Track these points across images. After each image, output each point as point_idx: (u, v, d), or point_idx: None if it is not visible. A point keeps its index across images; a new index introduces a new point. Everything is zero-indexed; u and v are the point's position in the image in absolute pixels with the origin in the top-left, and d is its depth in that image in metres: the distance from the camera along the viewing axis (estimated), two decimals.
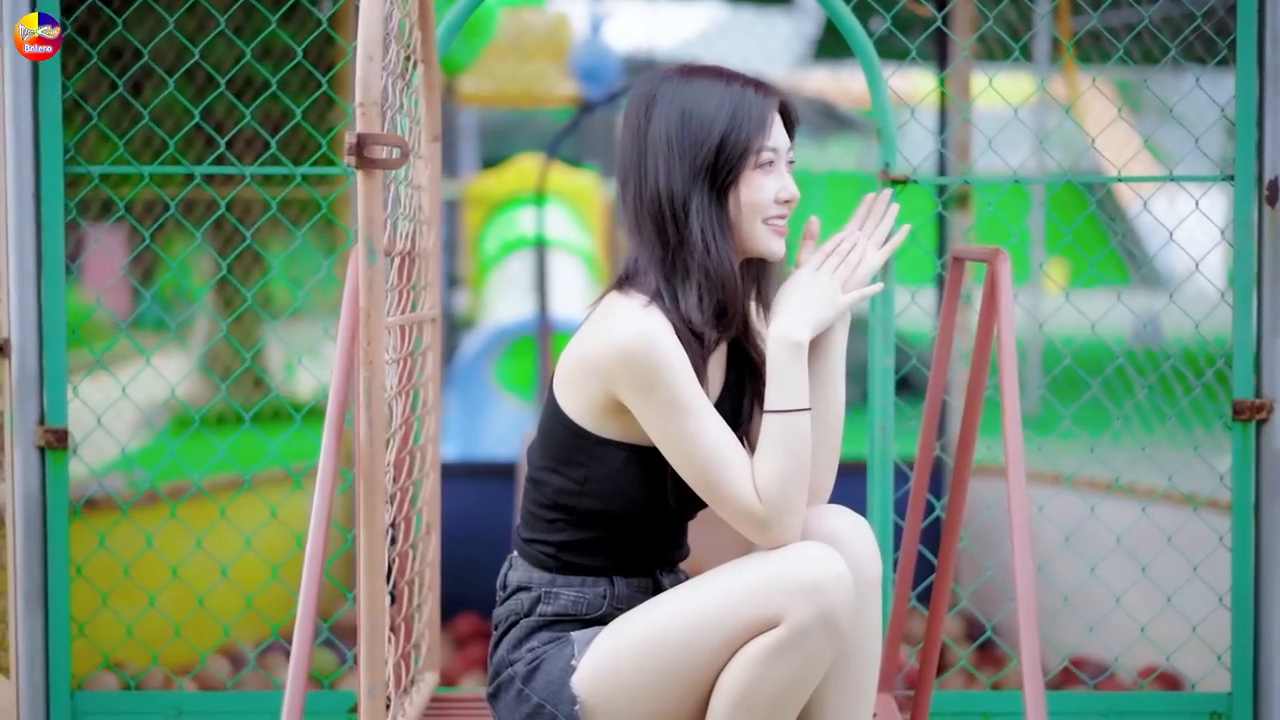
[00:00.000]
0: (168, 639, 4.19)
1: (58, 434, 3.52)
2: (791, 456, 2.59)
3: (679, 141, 2.64)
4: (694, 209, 2.63)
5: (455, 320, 12.59)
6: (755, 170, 2.65)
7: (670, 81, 2.68)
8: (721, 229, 2.65)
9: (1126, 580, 4.25)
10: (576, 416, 2.66)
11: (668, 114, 2.65)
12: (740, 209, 2.66)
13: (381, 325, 2.58)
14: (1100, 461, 4.78)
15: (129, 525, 4.06)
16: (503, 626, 2.77)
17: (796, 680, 2.55)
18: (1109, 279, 7.79)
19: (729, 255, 2.65)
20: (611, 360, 2.58)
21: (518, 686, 2.69)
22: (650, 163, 2.65)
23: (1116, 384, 5.69)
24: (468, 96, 13.68)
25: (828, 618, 2.51)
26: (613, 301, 2.66)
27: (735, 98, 2.65)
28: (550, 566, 2.72)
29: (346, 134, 2.56)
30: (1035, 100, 8.20)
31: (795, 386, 2.62)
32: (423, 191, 3.38)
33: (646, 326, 2.57)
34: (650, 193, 2.65)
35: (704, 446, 2.58)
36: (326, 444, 2.76)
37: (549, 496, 2.71)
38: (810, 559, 2.54)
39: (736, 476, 2.58)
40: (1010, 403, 2.75)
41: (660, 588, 2.76)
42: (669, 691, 2.61)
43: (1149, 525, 4.17)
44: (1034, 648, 2.56)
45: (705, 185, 2.64)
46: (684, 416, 2.57)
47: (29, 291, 3.51)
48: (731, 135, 2.63)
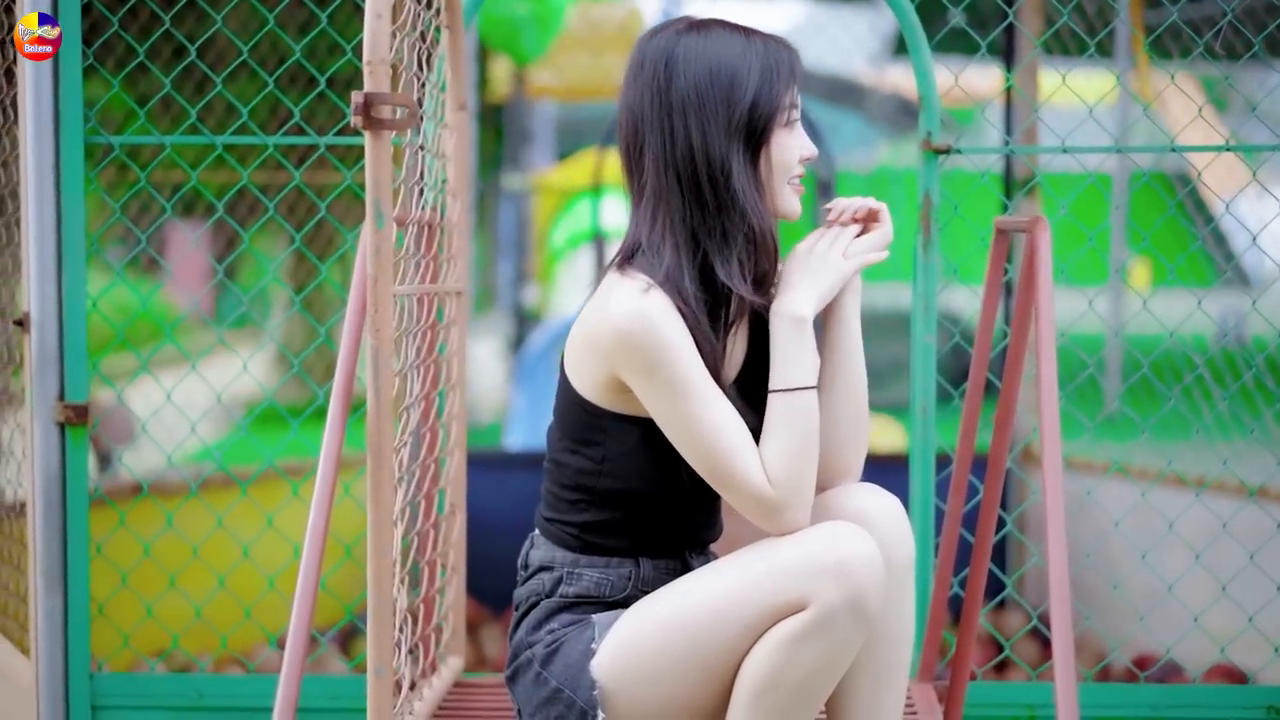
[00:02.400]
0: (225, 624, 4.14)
1: (77, 410, 3.46)
2: (796, 436, 2.48)
3: (711, 99, 2.52)
4: (734, 170, 2.52)
5: (524, 313, 12.55)
6: (783, 129, 2.56)
7: (687, 36, 2.56)
8: (759, 189, 2.55)
9: (1196, 574, 4.10)
10: (588, 394, 2.56)
11: (695, 71, 2.53)
12: (771, 169, 2.56)
13: (389, 293, 2.49)
14: (1180, 464, 4.64)
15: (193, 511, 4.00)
16: (523, 607, 2.67)
17: (824, 665, 2.42)
18: (1192, 280, 7.61)
19: (769, 216, 2.55)
20: (610, 341, 2.47)
21: (536, 669, 2.59)
22: (678, 122, 2.52)
23: (1196, 387, 5.53)
24: (538, 89, 13.64)
25: (856, 601, 2.39)
26: (613, 280, 2.54)
27: (760, 54, 2.54)
28: (574, 546, 2.62)
29: (353, 94, 2.47)
30: (1113, 97, 8.04)
31: (797, 363, 2.50)
32: (448, 161, 3.29)
33: (644, 307, 2.46)
34: (682, 153, 2.53)
35: (708, 429, 2.47)
36: (332, 416, 2.67)
37: (569, 478, 2.61)
38: (838, 539, 2.42)
39: (744, 460, 2.47)
40: (1047, 379, 2.62)
41: (689, 570, 2.65)
42: (691, 677, 2.49)
43: (1212, 517, 4.02)
44: (1067, 637, 2.44)
45: (740, 145, 2.53)
46: (686, 398, 2.46)
47: (48, 265, 3.44)
48: (763, 93, 2.53)
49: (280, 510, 4.00)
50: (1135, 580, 4.67)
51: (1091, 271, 7.71)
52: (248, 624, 3.97)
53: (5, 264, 3.88)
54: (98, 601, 3.62)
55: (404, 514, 2.91)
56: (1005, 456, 2.97)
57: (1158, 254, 9.23)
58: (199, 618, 3.83)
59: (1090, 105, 3.56)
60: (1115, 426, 6.82)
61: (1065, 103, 4.05)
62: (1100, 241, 7.83)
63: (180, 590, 3.89)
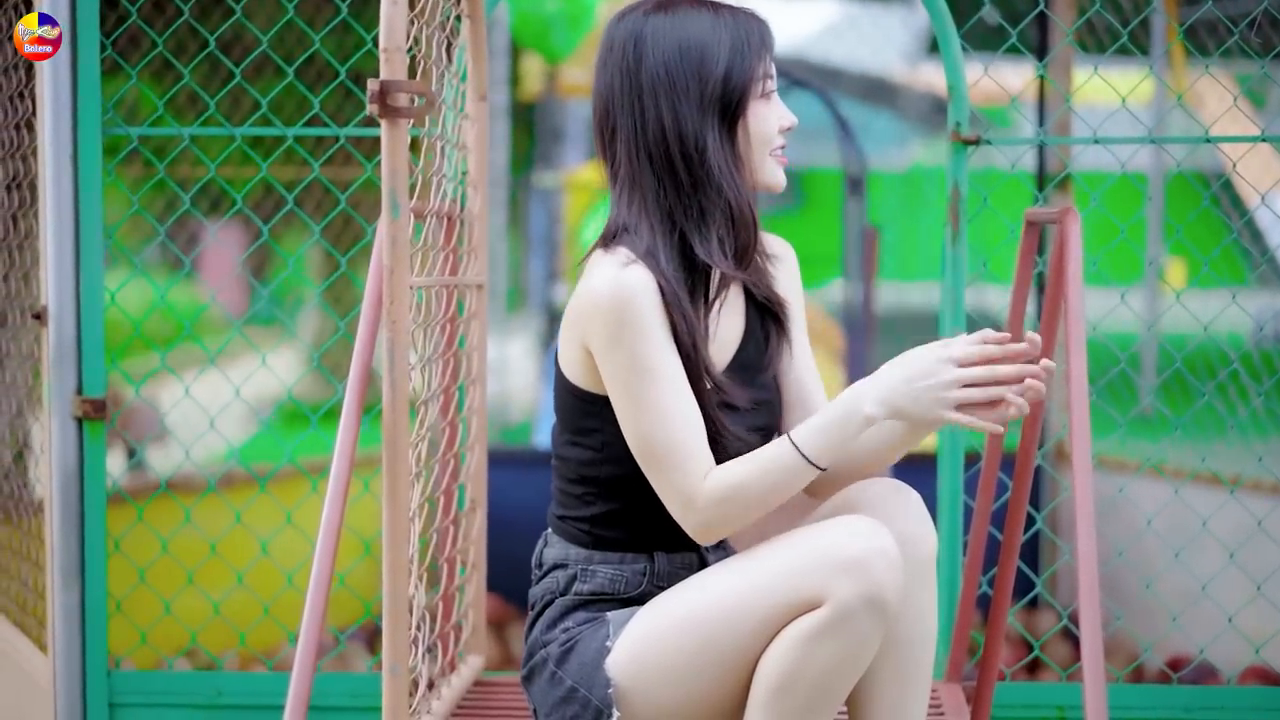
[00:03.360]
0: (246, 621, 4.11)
1: (95, 404, 3.42)
2: (769, 487, 2.41)
3: (682, 76, 2.49)
4: (709, 146, 2.49)
5: (556, 311, 12.51)
6: (759, 100, 2.52)
7: (654, 16, 2.52)
8: (736, 164, 2.51)
9: (1232, 574, 4.02)
10: (578, 380, 2.53)
11: (663, 49, 2.50)
12: (749, 142, 2.52)
13: (406, 284, 2.44)
14: (1214, 463, 4.56)
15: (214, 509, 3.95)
16: (538, 606, 2.62)
17: (841, 663, 2.36)
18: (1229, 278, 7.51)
19: (746, 191, 2.52)
20: (585, 311, 2.45)
21: (551, 669, 2.55)
22: (649, 103, 2.50)
23: (1232, 385, 5.45)
24: (570, 87, 13.59)
25: (873, 597, 2.33)
26: (597, 257, 2.51)
27: (730, 26, 2.51)
28: (586, 543, 2.58)
29: (369, 81, 2.43)
30: (1149, 94, 7.95)
31: (828, 443, 2.40)
32: (469, 152, 3.25)
33: (623, 277, 2.43)
34: (654, 134, 2.50)
35: (657, 415, 2.42)
36: (347, 412, 2.63)
37: (573, 470, 2.58)
38: (854, 534, 2.36)
39: (682, 456, 2.42)
40: (1077, 374, 2.56)
41: (706, 565, 2.60)
42: (707, 675, 2.44)
43: (1247, 515, 3.94)
44: (1096, 637, 2.38)
45: (715, 120, 2.50)
46: (643, 379, 2.42)
47: (66, 258, 3.41)
48: (736, 65, 2.49)
49: (299, 507, 3.96)
50: (1170, 580, 4.60)
51: (1127, 269, 7.66)
52: (268, 622, 3.92)
53: (28, 257, 3.86)
54: (115, 598, 3.58)
55: (422, 510, 2.87)
56: (1034, 453, 2.91)
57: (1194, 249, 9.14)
58: (218, 614, 3.78)
59: (1123, 97, 3.49)
60: (1150, 425, 6.74)
61: (1100, 100, 3.99)
62: (1135, 238, 7.75)
63: (198, 587, 3.85)
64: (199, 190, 6.24)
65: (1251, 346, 5.56)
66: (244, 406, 4.68)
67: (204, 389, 3.93)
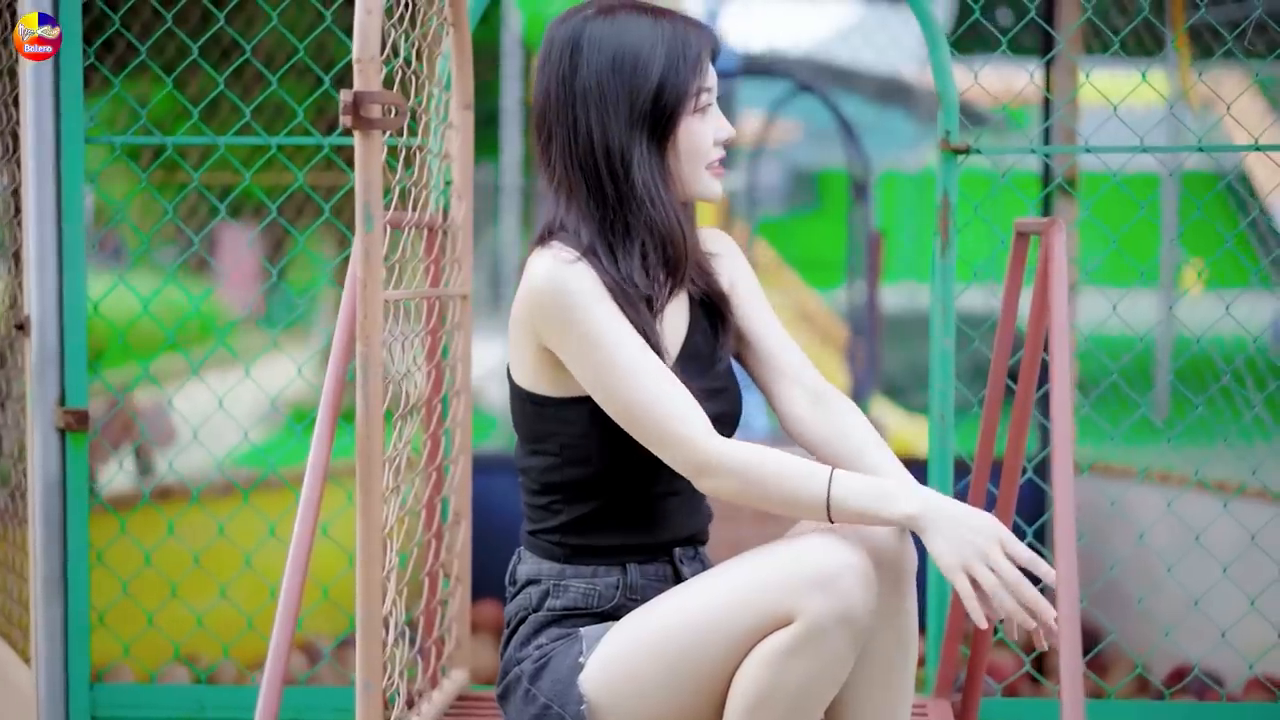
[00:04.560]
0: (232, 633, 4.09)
1: (78, 415, 3.40)
2: (777, 479, 2.37)
3: (613, 89, 2.46)
4: (635, 162, 2.47)
5: None
6: (693, 115, 2.49)
7: (594, 22, 2.49)
8: (664, 180, 2.48)
9: (1233, 585, 3.97)
10: (531, 385, 2.51)
11: (598, 60, 2.47)
12: (680, 157, 2.49)
13: (379, 297, 2.41)
14: (1226, 465, 4.51)
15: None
16: (512, 623, 2.60)
17: (815, 680, 2.33)
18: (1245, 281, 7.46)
19: (673, 207, 2.48)
20: (530, 307, 2.43)
21: (525, 686, 2.52)
22: (581, 113, 2.47)
23: (1238, 392, 5.39)
24: None
25: (844, 613, 2.29)
26: (533, 256, 2.49)
27: (668, 38, 2.47)
28: (559, 555, 2.55)
29: (343, 92, 2.40)
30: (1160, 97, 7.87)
31: (853, 501, 2.34)
32: (453, 162, 3.22)
33: (558, 267, 2.42)
34: (583, 146, 2.48)
35: (632, 376, 2.39)
36: (320, 424, 2.60)
37: (536, 480, 2.55)
38: (825, 549, 2.32)
39: (678, 407, 2.38)
40: (1060, 383, 2.53)
41: (680, 576, 2.58)
42: (680, 691, 2.41)
43: (1249, 525, 3.89)
44: (1075, 649, 2.34)
45: (644, 135, 2.47)
46: (607, 348, 2.39)
47: (49, 268, 3.39)
48: (669, 80, 2.46)
49: (283, 517, 3.93)
50: (1174, 590, 4.54)
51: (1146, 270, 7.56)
52: (254, 634, 3.90)
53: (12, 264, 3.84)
54: (99, 610, 3.56)
55: (403, 523, 2.84)
56: (1020, 464, 2.88)
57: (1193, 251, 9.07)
58: (200, 626, 3.76)
59: (1114, 104, 3.45)
60: (1159, 431, 6.70)
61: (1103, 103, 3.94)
62: (1149, 238, 7.70)
63: (182, 600, 3.82)
64: (215, 192, 6.22)
65: (1273, 347, 5.50)
66: (265, 408, 4.65)
67: (221, 390, 3.89)
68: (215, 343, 4.05)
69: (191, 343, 11.88)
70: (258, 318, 12.55)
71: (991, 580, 2.28)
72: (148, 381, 4.22)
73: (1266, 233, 7.55)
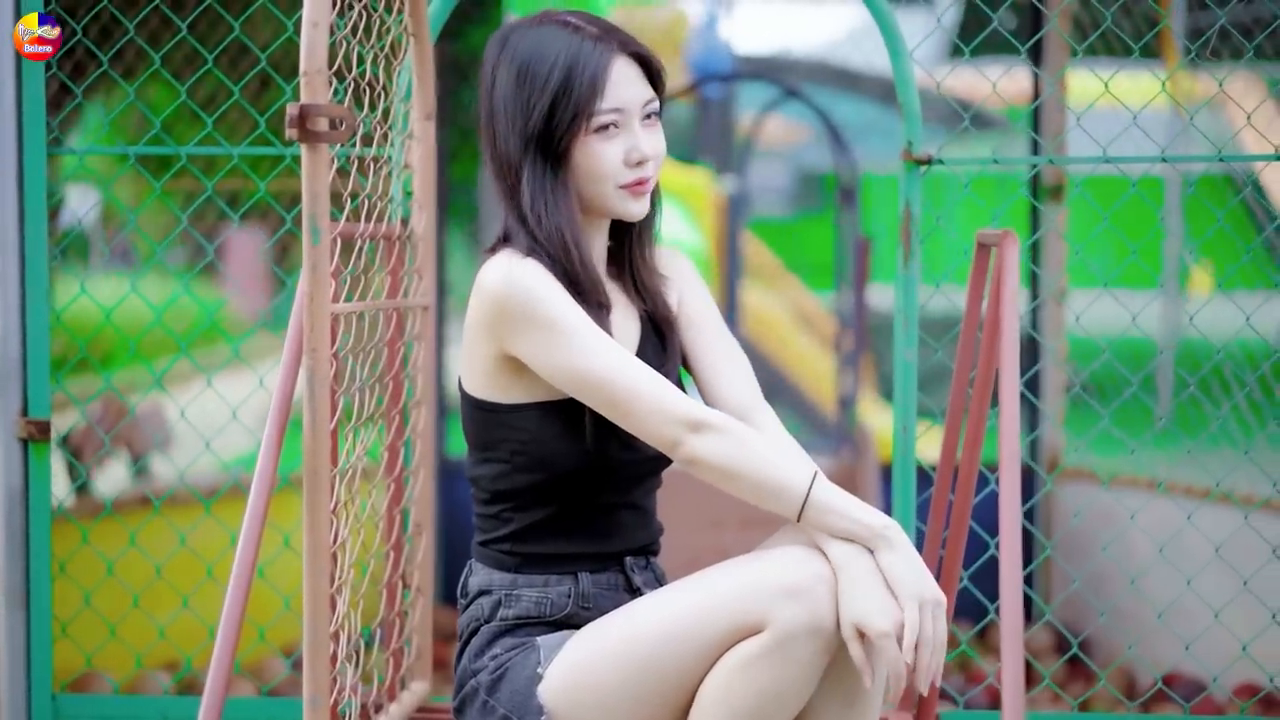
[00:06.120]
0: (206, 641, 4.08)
1: (40, 426, 3.40)
2: (759, 463, 2.38)
3: (512, 106, 2.48)
4: (525, 179, 2.49)
5: None
6: (592, 136, 2.47)
7: (517, 33, 2.52)
8: (554, 199, 2.48)
9: (1227, 593, 3.95)
10: (482, 392, 2.51)
11: (505, 74, 2.49)
12: (579, 177, 2.50)
13: (326, 311, 2.41)
14: (1201, 467, 4.48)
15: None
16: (464, 634, 2.60)
17: (781, 689, 2.33)
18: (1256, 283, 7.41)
19: (558, 227, 2.48)
20: (488, 311, 2.44)
21: (482, 698, 2.51)
22: (495, 127, 2.51)
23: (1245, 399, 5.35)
24: None
25: (815, 623, 2.30)
26: (484, 265, 2.50)
27: (572, 55, 2.46)
28: (510, 565, 2.55)
29: (289, 106, 2.40)
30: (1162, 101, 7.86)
31: (830, 503, 2.36)
32: (415, 172, 3.22)
33: (511, 266, 2.43)
34: (495, 158, 2.52)
35: (603, 358, 2.40)
36: (267, 437, 2.60)
37: (486, 489, 2.56)
38: (797, 561, 2.34)
39: (658, 378, 2.40)
40: (1008, 396, 2.52)
41: (632, 584, 2.58)
42: (645, 701, 2.40)
43: (1248, 534, 3.87)
44: (1018, 661, 2.34)
45: (537, 153, 2.48)
46: (576, 334, 2.40)
47: (11, 279, 3.39)
48: (562, 101, 2.45)
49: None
50: (1162, 596, 4.53)
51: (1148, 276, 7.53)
52: None
53: None
54: (61, 621, 3.56)
55: (357, 535, 2.83)
56: (975, 474, 2.87)
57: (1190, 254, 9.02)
58: (163, 638, 3.76)
59: (1078, 114, 3.43)
60: (1166, 438, 6.65)
61: (1101, 105, 3.93)
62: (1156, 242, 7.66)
63: (144, 610, 3.82)
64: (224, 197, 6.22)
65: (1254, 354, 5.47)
66: (261, 412, 4.63)
67: (232, 390, 3.88)
68: (213, 347, 4.04)
69: (199, 346, 11.90)
70: (266, 322, 12.57)
71: (919, 621, 2.28)
72: (145, 386, 4.22)
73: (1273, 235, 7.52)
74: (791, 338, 11.78)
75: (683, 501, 4.02)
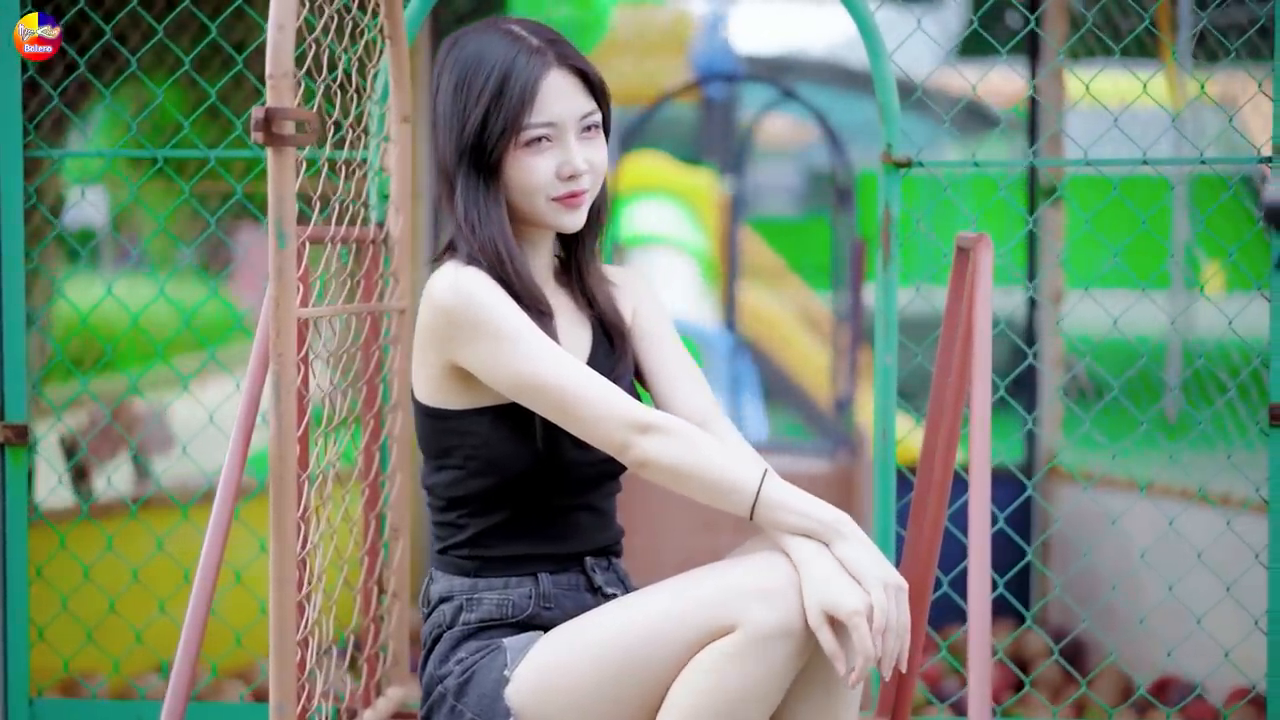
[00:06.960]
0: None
1: (17, 430, 3.39)
2: (707, 464, 2.38)
3: (450, 115, 2.49)
4: (458, 188, 2.49)
5: None
6: (522, 150, 2.47)
7: (465, 37, 2.52)
8: (486, 210, 2.49)
9: (1214, 596, 3.92)
10: (432, 400, 2.51)
11: (448, 81, 2.50)
12: (511, 189, 2.50)
13: (292, 316, 2.40)
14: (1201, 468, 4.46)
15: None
16: (428, 642, 2.59)
17: (752, 690, 2.32)
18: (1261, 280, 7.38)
19: (490, 237, 2.48)
20: (436, 322, 2.44)
21: (450, 702, 2.50)
22: (435, 133, 2.53)
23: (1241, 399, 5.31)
24: None
25: (786, 625, 2.30)
26: (432, 276, 2.50)
27: (506, 67, 2.46)
28: (469, 570, 2.54)
29: (254, 109, 2.38)
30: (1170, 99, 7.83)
31: (782, 497, 2.36)
32: (391, 175, 3.20)
33: (457, 276, 2.43)
34: (436, 165, 2.53)
35: (555, 363, 2.40)
36: (234, 441, 2.58)
37: (442, 496, 2.55)
38: (770, 566, 2.34)
39: (606, 383, 2.40)
40: (980, 398, 2.51)
41: (593, 584, 2.58)
42: (615, 703, 2.40)
43: (1249, 537, 3.83)
44: (985, 668, 2.32)
45: (469, 165, 2.48)
46: (523, 340, 2.40)
47: None
48: (493, 114, 2.45)
49: None
50: (1150, 599, 4.50)
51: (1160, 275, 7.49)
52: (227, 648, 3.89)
53: None
54: (38, 625, 3.55)
55: (330, 540, 2.82)
56: (950, 477, 2.85)
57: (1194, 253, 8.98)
58: (140, 643, 3.74)
59: (1077, 111, 3.41)
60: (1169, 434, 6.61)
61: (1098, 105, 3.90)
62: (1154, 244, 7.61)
63: (120, 615, 3.81)
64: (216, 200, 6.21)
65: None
66: None
67: (217, 395, 3.87)
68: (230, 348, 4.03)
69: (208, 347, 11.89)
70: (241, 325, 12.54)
71: (885, 604, 2.27)
72: (145, 388, 4.21)
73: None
74: (794, 338, 11.77)
75: (676, 504, 4.00)
